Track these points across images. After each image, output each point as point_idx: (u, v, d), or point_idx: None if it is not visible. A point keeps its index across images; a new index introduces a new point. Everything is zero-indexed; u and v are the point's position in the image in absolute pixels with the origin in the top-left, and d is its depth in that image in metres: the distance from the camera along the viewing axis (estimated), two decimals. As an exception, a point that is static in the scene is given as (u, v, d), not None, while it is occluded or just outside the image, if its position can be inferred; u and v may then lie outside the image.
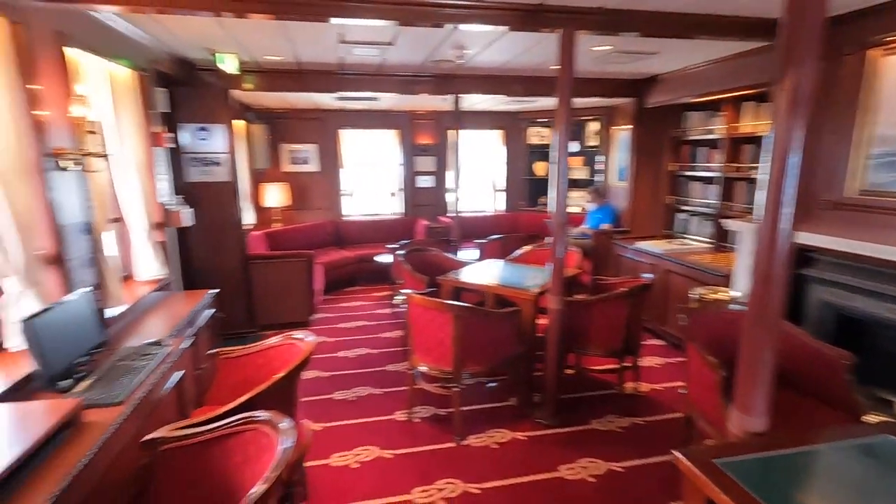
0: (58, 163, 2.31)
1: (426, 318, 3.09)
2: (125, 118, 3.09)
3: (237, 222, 4.91)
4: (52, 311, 2.05)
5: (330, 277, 6.45)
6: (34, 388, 1.97)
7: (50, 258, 2.28)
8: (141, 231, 3.32)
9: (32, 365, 1.94)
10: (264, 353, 2.55)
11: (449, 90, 5.27)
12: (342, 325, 5.46)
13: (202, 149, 4.68)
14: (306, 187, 7.56)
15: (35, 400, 1.95)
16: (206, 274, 4.86)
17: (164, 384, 2.36)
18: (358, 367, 4.35)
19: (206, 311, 3.54)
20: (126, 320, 2.93)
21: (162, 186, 3.62)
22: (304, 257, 5.26)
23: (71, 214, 2.43)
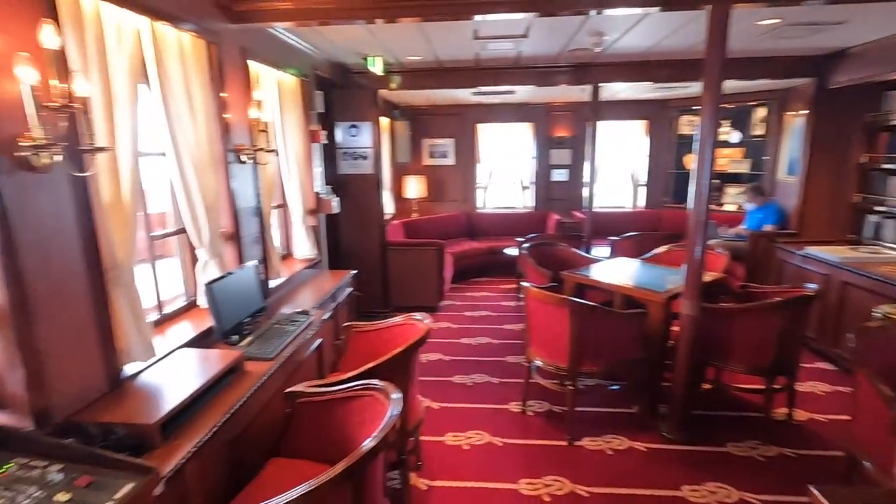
0: (238, 157, 2.81)
1: (543, 311, 3.06)
2: (289, 119, 3.60)
3: (379, 211, 5.37)
4: (227, 279, 2.52)
5: (459, 267, 6.71)
6: (212, 339, 2.44)
7: (228, 235, 2.79)
8: (298, 216, 3.85)
9: (211, 321, 2.41)
10: (390, 330, 2.78)
11: (587, 80, 5.07)
12: (467, 313, 5.65)
13: (352, 144, 5.22)
14: (443, 180, 7.93)
15: (212, 348, 2.42)
16: (350, 257, 5.43)
17: (307, 348, 2.73)
18: (478, 354, 4.48)
19: (346, 289, 3.97)
20: (282, 291, 3.44)
21: (316, 177, 4.13)
22: (435, 246, 5.55)
23: (245, 200, 2.93)
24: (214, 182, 2.60)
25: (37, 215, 1.56)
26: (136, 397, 1.84)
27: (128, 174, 1.96)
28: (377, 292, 5.53)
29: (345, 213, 5.31)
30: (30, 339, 1.54)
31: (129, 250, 1.97)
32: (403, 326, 2.74)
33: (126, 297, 1.95)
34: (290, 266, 3.90)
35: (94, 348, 1.79)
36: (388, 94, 6.28)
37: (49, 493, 1.29)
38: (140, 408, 1.75)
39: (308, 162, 4.00)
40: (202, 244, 2.56)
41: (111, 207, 1.91)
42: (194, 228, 2.51)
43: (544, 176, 7.87)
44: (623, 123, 7.71)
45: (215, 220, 2.62)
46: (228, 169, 2.74)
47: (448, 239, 7.32)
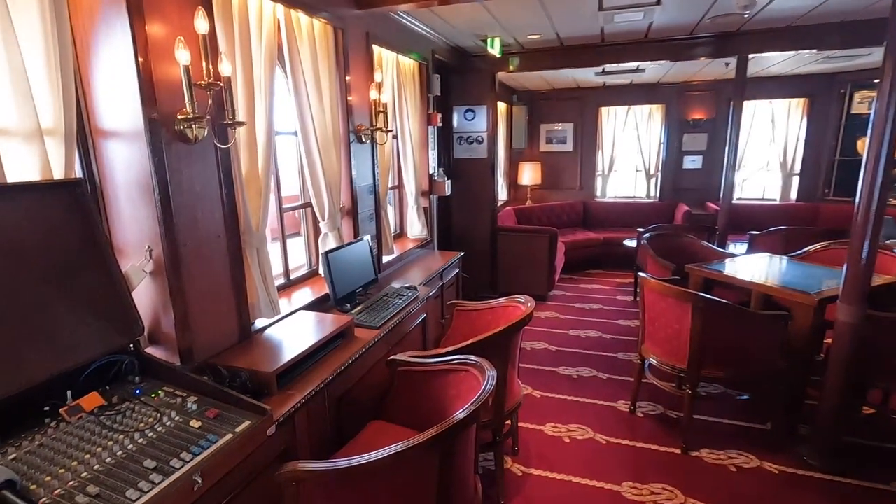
0: (358, 137, 2.97)
1: (662, 305, 2.79)
2: (407, 101, 3.72)
3: (491, 196, 5.35)
4: (343, 250, 2.69)
5: (573, 257, 6.44)
6: (328, 305, 2.63)
7: (346, 211, 2.98)
8: (411, 197, 3.98)
9: (327, 288, 2.59)
10: (493, 311, 2.76)
11: (732, 51, 4.48)
12: (577, 304, 5.41)
13: (467, 128, 5.25)
14: (559, 167, 7.65)
15: (327, 314, 2.61)
16: (460, 240, 5.50)
17: (412, 322, 2.82)
18: (586, 347, 4.26)
19: (454, 270, 4.03)
20: (394, 267, 3.59)
21: (431, 160, 4.23)
22: (547, 233, 5.39)
23: (362, 178, 3.10)
24: (336, 160, 2.78)
25: (189, 181, 1.80)
26: (261, 348, 2.04)
27: (262, 148, 2.17)
28: (485, 277, 5.54)
29: (457, 196, 5.39)
30: (180, 287, 1.79)
31: (261, 217, 2.18)
32: (507, 308, 2.70)
33: (257, 259, 2.18)
34: (402, 244, 4.06)
35: (230, 302, 2.03)
36: (506, 79, 6.19)
37: (185, 419, 1.49)
38: (263, 357, 1.94)
39: (423, 144, 4.10)
40: (324, 217, 2.75)
41: (248, 177, 2.13)
42: (317, 203, 2.71)
43: (674, 163, 7.19)
44: (775, 103, 6.71)
45: (336, 196, 2.80)
46: (349, 149, 2.91)
47: (562, 228, 7.07)
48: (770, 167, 7.07)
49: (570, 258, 6.41)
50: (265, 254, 2.23)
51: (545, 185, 7.66)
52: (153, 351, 1.83)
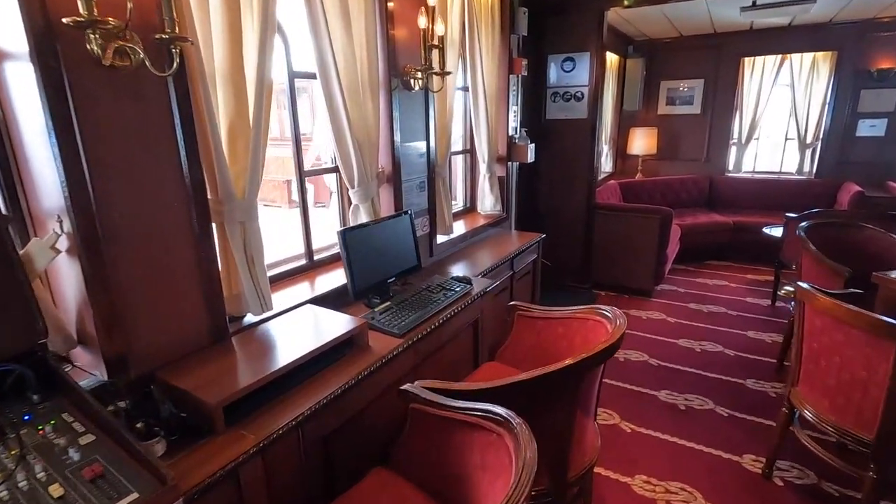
0: (403, 81, 2.31)
1: (838, 337, 1.81)
2: (480, 41, 2.95)
3: (589, 165, 4.40)
4: (369, 228, 2.08)
5: (690, 244, 5.26)
6: (348, 298, 2.05)
7: (386, 177, 2.35)
8: (483, 163, 3.25)
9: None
10: (566, 323, 1.99)
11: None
12: (692, 305, 4.33)
13: (564, 82, 4.31)
14: (681, 133, 6.32)
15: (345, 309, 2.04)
16: (547, 217, 4.65)
17: (457, 326, 2.16)
18: (700, 366, 3.28)
19: (530, 256, 3.26)
20: (452, 249, 2.93)
21: (512, 118, 3.44)
22: (659, 214, 4.33)
23: (410, 136, 2.44)
24: (372, 111, 2.15)
25: (116, 121, 1.29)
26: (226, 360, 1.52)
27: (253, 87, 1.60)
28: (576, 263, 4.65)
29: (546, 164, 4.52)
30: (103, 274, 1.29)
31: (248, 181, 1.64)
32: (586, 322, 1.91)
33: (241, 238, 1.65)
34: (472, 220, 3.37)
35: (193, 294, 1.53)
36: (619, 23, 5.06)
37: (50, 479, 1.00)
38: (220, 375, 1.42)
39: (502, 98, 3.32)
40: (353, 185, 2.16)
41: (231, 127, 1.59)
42: (344, 166, 2.12)
43: (843, 128, 5.52)
44: None
45: (370, 158, 2.19)
46: (390, 97, 2.26)
47: (679, 208, 5.86)
48: None
49: (688, 245, 5.24)
50: (254, 230, 1.69)
51: (661, 155, 6.39)
52: (82, 356, 1.38)
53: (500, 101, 3.30)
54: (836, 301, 1.74)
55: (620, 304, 4.39)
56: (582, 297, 4.48)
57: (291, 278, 2.19)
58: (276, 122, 6.89)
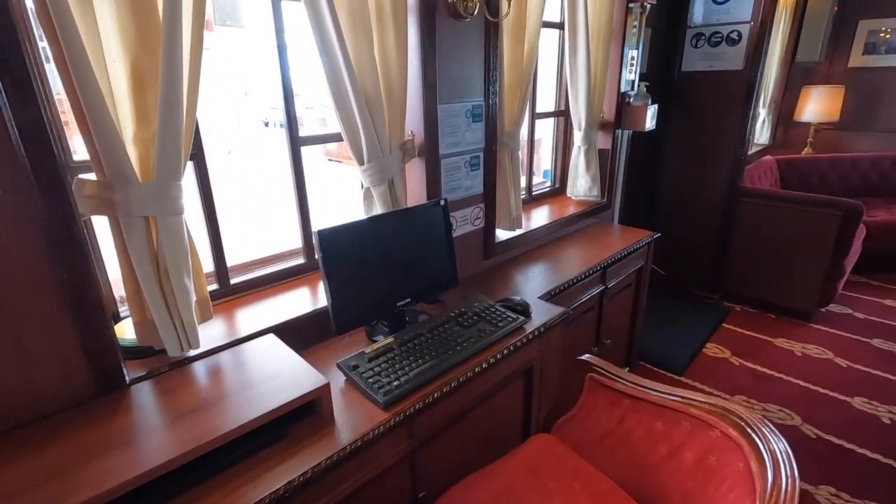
0: (449, 4, 1.53)
1: None
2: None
3: (737, 136, 3.22)
4: (366, 227, 1.39)
5: (877, 249, 3.81)
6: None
7: (414, 148, 1.63)
8: (578, 131, 2.35)
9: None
10: (669, 418, 1.16)
11: None
12: (876, 341, 3.04)
13: (714, 19, 3.13)
14: (879, 95, 4.60)
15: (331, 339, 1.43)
16: (671, 205, 3.59)
17: (494, 381, 1.43)
18: (892, 445, 2.16)
19: (636, 262, 2.36)
20: (518, 250, 2.16)
21: (627, 70, 2.46)
22: (841, 209, 3.05)
23: (454, 88, 1.66)
24: (392, 48, 1.43)
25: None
26: (98, 433, 0.99)
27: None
28: (705, 265, 3.56)
29: (676, 133, 3.44)
30: None
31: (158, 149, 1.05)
32: (707, 432, 1.07)
33: (141, 237, 1.08)
34: (559, 207, 2.54)
35: (51, 327, 1.00)
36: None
37: None
38: (64, 469, 0.88)
39: (616, 38, 2.36)
40: (362, 161, 1.49)
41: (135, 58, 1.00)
42: (347, 132, 1.45)
43: None
44: None
45: (387, 120, 1.49)
46: (428, 26, 1.51)
47: (868, 197, 4.34)
48: None
49: (880, 249, 3.79)
50: (172, 229, 1.11)
51: (846, 124, 4.73)
52: None
53: (612, 44, 2.34)
54: None
55: (765, 325, 3.25)
56: (710, 310, 3.42)
57: (281, 284, 1.63)
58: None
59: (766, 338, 3.11)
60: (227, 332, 1.35)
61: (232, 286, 1.52)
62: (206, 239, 1.45)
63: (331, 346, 1.45)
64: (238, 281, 1.54)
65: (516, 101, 1.90)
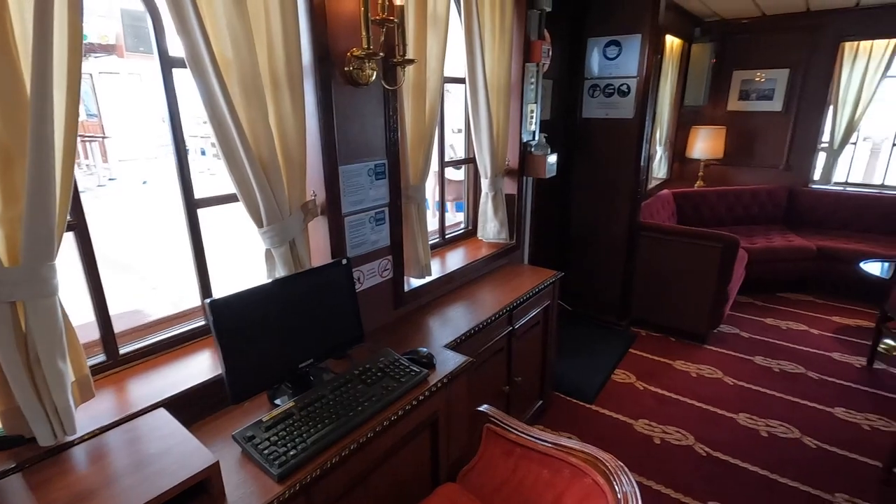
0: (344, 73, 1.60)
1: None
2: (479, 15, 2.19)
3: (634, 177, 3.54)
4: (259, 294, 1.39)
5: (761, 272, 4.29)
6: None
7: (318, 207, 1.67)
8: (485, 179, 2.50)
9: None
10: (553, 465, 1.26)
11: None
12: (758, 359, 3.41)
13: (606, 72, 3.46)
14: (754, 134, 5.25)
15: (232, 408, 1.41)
16: (581, 242, 3.84)
17: (397, 437, 1.46)
18: (769, 464, 2.42)
19: (542, 301, 2.50)
20: (433, 294, 2.23)
21: (528, 120, 2.66)
22: (721, 241, 3.42)
23: (358, 148, 1.74)
24: (288, 114, 1.47)
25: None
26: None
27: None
28: (613, 295, 3.82)
29: (581, 174, 3.73)
30: None
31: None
32: (581, 479, 1.17)
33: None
34: (473, 250, 2.65)
35: None
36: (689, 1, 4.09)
37: None
38: None
39: (515, 93, 2.55)
40: (260, 223, 1.50)
41: None
42: (243, 195, 1.46)
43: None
44: None
45: (286, 182, 1.52)
46: (328, 93, 1.57)
47: (749, 225, 4.89)
48: None
49: (759, 273, 4.26)
50: (43, 314, 1.06)
51: (729, 160, 5.34)
52: None
53: (512, 99, 2.53)
54: None
55: (666, 349, 3.53)
56: (618, 337, 3.66)
57: (181, 348, 1.58)
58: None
59: (667, 361, 3.38)
60: (114, 410, 1.29)
61: (122, 356, 1.46)
62: (91, 307, 1.38)
63: (231, 414, 1.42)
64: (129, 350, 1.48)
65: (420, 157, 2.00)
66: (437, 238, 2.64)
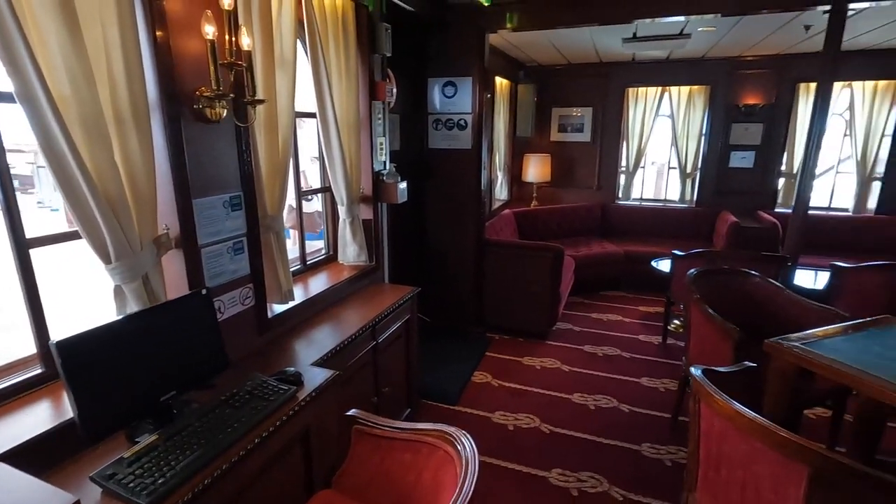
0: (194, 110, 1.67)
1: (740, 447, 1.46)
2: (326, 59, 2.40)
3: (476, 200, 4.02)
4: (100, 331, 1.38)
5: (586, 275, 5.09)
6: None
7: (173, 241, 1.69)
8: (342, 206, 2.68)
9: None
10: (414, 448, 1.46)
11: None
12: (587, 347, 4.07)
13: (447, 108, 3.91)
14: (573, 160, 6.25)
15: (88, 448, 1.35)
16: (436, 259, 4.20)
17: (269, 453, 1.54)
18: (596, 430, 2.94)
19: (403, 315, 2.73)
20: (296, 320, 2.31)
21: (379, 151, 2.91)
22: (549, 252, 4.04)
23: (212, 182, 1.80)
24: (135, 149, 1.49)
25: None
26: None
27: None
28: (470, 307, 4.23)
29: (432, 198, 4.10)
30: None
31: None
32: (436, 452, 1.40)
33: None
34: (335, 273, 2.78)
35: None
36: (508, 47, 4.80)
37: None
38: None
39: (364, 128, 2.79)
40: (109, 259, 1.48)
41: None
42: (86, 232, 1.43)
43: (718, 160, 5.73)
44: (856, 87, 5.20)
45: (135, 217, 1.52)
46: (176, 129, 1.62)
47: (575, 236, 5.74)
48: (842, 169, 5.61)
49: (583, 276, 5.06)
50: None
51: (556, 182, 6.28)
52: None
53: (362, 132, 2.76)
54: (737, 408, 1.39)
55: (516, 348, 4.02)
56: (475, 343, 4.05)
57: (13, 401, 1.45)
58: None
59: (517, 359, 3.86)
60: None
61: (-62, 418, 1.30)
62: None
63: (86, 458, 1.36)
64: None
65: (276, 188, 2.10)
66: (298, 265, 2.73)
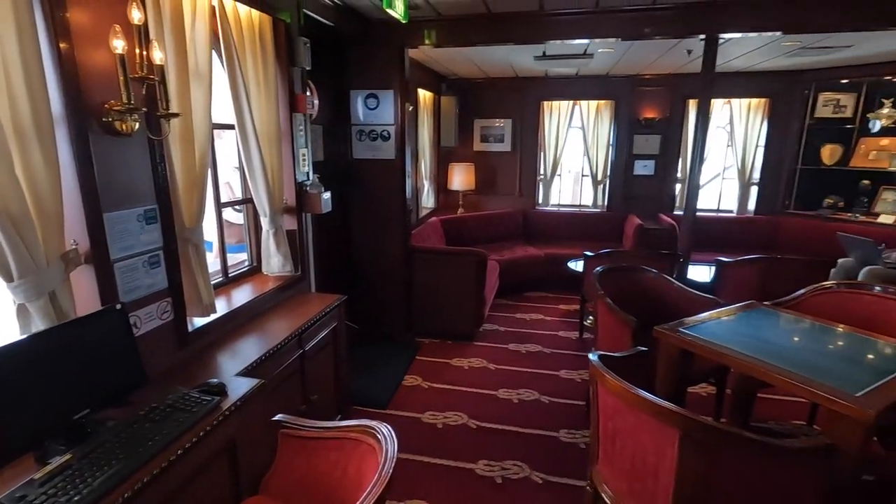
0: (103, 123, 1.65)
1: (629, 420, 1.68)
2: (243, 72, 2.42)
3: (401, 208, 4.13)
4: (10, 349, 1.34)
5: (510, 278, 5.36)
6: None
7: (82, 256, 1.65)
8: (264, 217, 2.68)
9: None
10: (339, 445, 1.54)
11: (700, 28, 3.49)
12: (511, 346, 4.30)
13: (370, 120, 4.00)
14: (495, 169, 6.56)
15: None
16: (364, 267, 4.26)
17: (194, 464, 1.54)
18: (519, 421, 3.14)
19: (330, 323, 2.78)
20: (217, 335, 2.29)
21: (301, 163, 2.95)
22: (473, 256, 4.24)
23: (125, 196, 1.77)
24: (38, 163, 1.46)
25: None
26: None
27: None
28: (399, 313, 4.32)
29: (359, 207, 4.16)
30: None
31: None
32: (359, 446, 1.49)
33: None
34: (260, 284, 2.77)
35: None
36: (430, 62, 4.99)
37: None
38: None
39: (285, 139, 2.82)
40: (10, 277, 1.43)
41: None
42: (6, 244, 1.38)
43: (624, 168, 6.28)
44: (734, 103, 5.94)
45: (39, 233, 1.48)
46: (83, 143, 1.59)
47: (499, 241, 6.00)
48: (727, 175, 6.36)
49: (508, 279, 5.33)
50: None
51: (480, 190, 6.54)
52: None
53: (283, 143, 2.79)
54: (624, 385, 1.61)
55: (444, 351, 4.16)
56: (405, 348, 4.15)
57: None
58: None
59: (446, 360, 4.00)
60: None
61: None
62: None
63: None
64: None
65: (194, 200, 2.09)
66: (220, 277, 2.69)
